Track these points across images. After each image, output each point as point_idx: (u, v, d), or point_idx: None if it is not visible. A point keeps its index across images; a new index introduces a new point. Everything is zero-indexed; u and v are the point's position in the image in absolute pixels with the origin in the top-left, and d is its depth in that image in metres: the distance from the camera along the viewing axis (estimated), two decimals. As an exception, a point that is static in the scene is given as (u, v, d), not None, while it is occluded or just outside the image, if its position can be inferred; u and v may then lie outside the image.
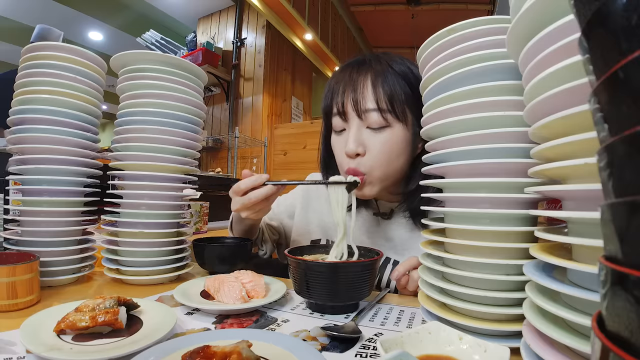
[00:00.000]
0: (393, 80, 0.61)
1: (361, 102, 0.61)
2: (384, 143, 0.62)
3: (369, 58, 0.66)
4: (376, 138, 0.62)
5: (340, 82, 0.65)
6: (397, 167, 0.65)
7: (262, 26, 3.22)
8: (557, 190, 0.30)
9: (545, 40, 0.28)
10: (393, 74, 0.62)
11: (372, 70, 0.62)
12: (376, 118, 0.61)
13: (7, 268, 0.49)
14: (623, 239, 0.13)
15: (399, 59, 0.65)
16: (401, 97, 0.61)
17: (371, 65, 0.63)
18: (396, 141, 0.62)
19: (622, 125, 0.13)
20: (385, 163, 0.63)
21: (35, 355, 0.36)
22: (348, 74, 0.64)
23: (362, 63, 0.65)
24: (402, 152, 0.63)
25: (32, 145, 0.62)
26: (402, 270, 0.59)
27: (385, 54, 0.67)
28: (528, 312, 0.32)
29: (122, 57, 0.69)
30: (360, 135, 0.62)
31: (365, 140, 0.62)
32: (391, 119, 0.61)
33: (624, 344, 0.12)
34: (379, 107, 0.60)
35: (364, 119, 0.62)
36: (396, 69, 0.63)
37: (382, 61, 0.64)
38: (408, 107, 0.62)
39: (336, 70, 0.70)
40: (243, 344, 0.35)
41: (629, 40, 0.13)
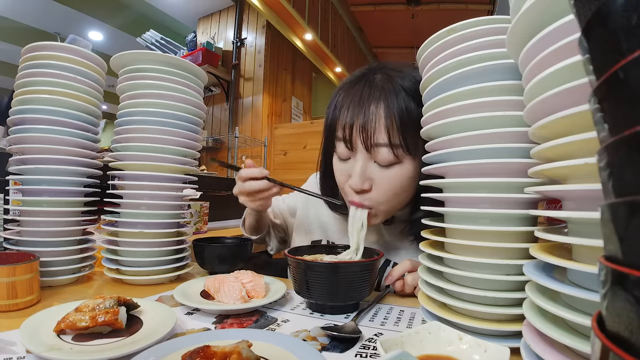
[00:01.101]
0: (407, 108, 0.55)
1: (372, 137, 0.55)
2: (392, 179, 0.57)
3: (379, 76, 0.59)
4: (384, 173, 0.57)
5: (349, 104, 0.58)
6: (403, 200, 0.62)
7: (262, 26, 3.22)
8: (557, 190, 0.30)
9: (545, 40, 0.28)
10: (405, 97, 0.56)
11: (385, 97, 0.56)
12: (386, 155, 0.56)
13: (7, 268, 0.49)
14: (623, 239, 0.13)
15: (407, 71, 0.59)
16: (414, 125, 0.53)
17: (383, 88, 0.57)
18: (405, 177, 0.58)
19: (622, 125, 0.13)
20: (392, 198, 0.59)
21: (35, 355, 0.36)
22: (358, 96, 0.57)
23: (372, 83, 0.58)
24: (410, 186, 0.59)
25: (32, 145, 0.62)
26: (396, 275, 0.59)
27: (395, 68, 0.60)
28: (528, 312, 0.32)
29: (122, 57, 0.69)
30: (367, 169, 0.58)
31: (372, 174, 0.58)
32: (402, 154, 0.56)
33: (624, 344, 0.12)
34: (390, 142, 0.55)
35: (372, 153, 0.57)
36: (407, 87, 0.56)
37: (394, 81, 0.57)
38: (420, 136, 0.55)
39: (343, 83, 0.63)
40: (243, 344, 0.35)
41: (629, 40, 0.13)
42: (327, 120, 0.64)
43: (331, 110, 0.62)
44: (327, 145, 0.67)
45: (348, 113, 0.58)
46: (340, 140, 0.60)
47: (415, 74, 0.58)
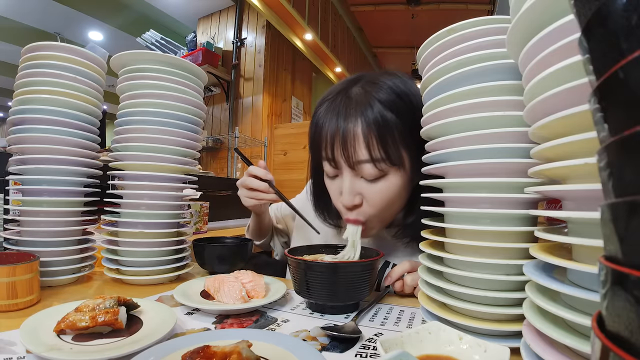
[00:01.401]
0: (383, 119, 0.55)
1: (353, 155, 0.56)
2: (382, 192, 0.58)
3: (356, 90, 0.59)
4: (373, 187, 0.58)
5: (328, 123, 0.59)
6: (397, 208, 0.63)
7: (262, 26, 3.22)
8: (557, 190, 0.30)
9: (545, 40, 0.28)
10: (381, 109, 0.56)
11: (361, 112, 0.56)
12: (371, 170, 0.56)
13: (7, 268, 0.49)
14: (623, 239, 0.13)
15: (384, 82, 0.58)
16: (394, 137, 0.56)
17: (358, 103, 0.57)
18: (394, 188, 0.59)
19: (622, 125, 0.13)
20: (384, 209, 0.61)
21: (35, 355, 0.36)
22: (335, 114, 0.58)
23: (349, 98, 0.58)
24: (401, 195, 0.61)
25: (32, 145, 0.62)
26: (395, 276, 0.59)
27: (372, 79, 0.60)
28: (528, 312, 0.32)
29: (122, 57, 0.69)
30: (355, 185, 0.59)
31: (361, 189, 0.59)
32: (386, 167, 0.57)
33: (624, 344, 0.12)
34: (372, 158, 0.55)
35: (357, 170, 0.58)
36: (383, 99, 0.56)
37: (369, 95, 0.57)
38: (403, 145, 0.57)
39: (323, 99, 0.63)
40: (243, 344, 0.35)
41: (629, 40, 0.13)
42: (310, 139, 0.65)
43: (313, 129, 0.63)
44: (314, 164, 0.69)
45: (328, 132, 0.59)
46: (324, 160, 0.61)
47: (392, 83, 0.58)
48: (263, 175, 0.71)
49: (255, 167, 0.72)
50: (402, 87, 0.58)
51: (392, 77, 0.60)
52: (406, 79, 0.61)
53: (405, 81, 0.60)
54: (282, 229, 0.93)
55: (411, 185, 0.62)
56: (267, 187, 0.71)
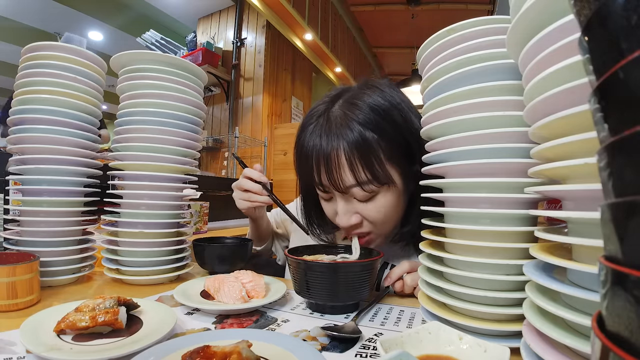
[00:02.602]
0: (364, 140, 0.55)
1: (340, 182, 0.56)
2: (377, 209, 0.59)
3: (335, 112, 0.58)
4: (366, 206, 0.59)
5: (310, 151, 0.59)
6: (397, 219, 0.64)
7: (262, 26, 3.22)
8: (557, 190, 0.30)
9: (545, 40, 0.28)
10: (361, 130, 0.55)
11: (342, 138, 0.55)
12: (360, 193, 0.57)
13: (7, 268, 0.49)
14: (623, 239, 0.13)
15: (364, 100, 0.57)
16: (379, 157, 0.55)
17: (339, 126, 0.56)
18: (389, 203, 0.59)
19: (622, 125, 0.13)
20: (385, 223, 0.61)
21: (35, 355, 0.36)
22: (318, 142, 0.58)
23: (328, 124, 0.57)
24: (397, 207, 0.61)
25: (32, 145, 0.62)
26: (395, 276, 0.59)
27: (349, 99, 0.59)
28: (528, 312, 0.32)
29: (122, 57, 0.69)
30: (350, 207, 0.60)
31: (357, 209, 0.60)
32: (376, 188, 0.57)
33: (624, 344, 0.12)
34: (359, 181, 0.56)
35: (348, 193, 0.58)
36: (363, 121, 0.55)
37: (348, 117, 0.56)
38: (389, 162, 0.57)
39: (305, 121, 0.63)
40: (243, 344, 0.35)
41: (629, 40, 0.13)
42: (296, 163, 0.66)
43: (298, 154, 0.64)
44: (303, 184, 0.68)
45: (313, 159, 0.59)
46: (315, 185, 0.62)
47: (372, 100, 0.57)
48: (257, 178, 0.71)
49: (250, 170, 0.72)
50: (382, 102, 0.57)
51: (371, 91, 0.59)
52: (387, 89, 0.60)
53: (386, 94, 0.59)
54: (282, 233, 0.92)
55: (406, 196, 0.62)
56: (261, 189, 0.71)
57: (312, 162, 0.59)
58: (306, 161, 0.60)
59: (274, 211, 0.96)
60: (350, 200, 0.60)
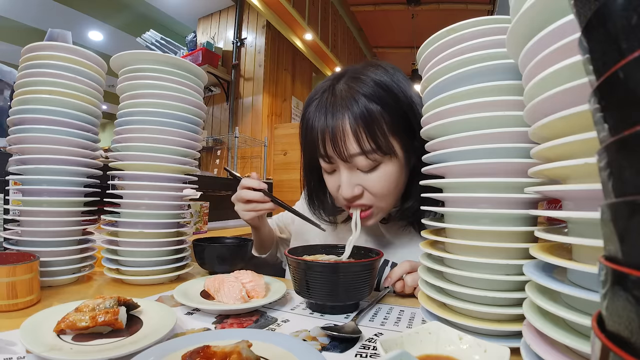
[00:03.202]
0: (369, 112, 0.57)
1: (344, 150, 0.58)
2: (379, 181, 0.60)
3: (340, 87, 0.60)
4: (369, 177, 0.60)
5: (316, 123, 0.61)
6: (397, 194, 0.64)
7: (262, 26, 3.22)
8: (557, 190, 0.30)
9: (545, 40, 0.28)
10: (366, 103, 0.57)
11: (347, 108, 0.57)
12: (364, 161, 0.58)
13: (7, 268, 0.49)
14: (623, 239, 0.13)
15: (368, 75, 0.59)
16: (382, 128, 0.57)
17: (344, 99, 0.58)
18: (391, 175, 0.60)
19: (622, 125, 0.13)
20: (385, 195, 0.62)
21: (35, 355, 0.36)
22: (323, 112, 0.60)
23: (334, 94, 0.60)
24: (399, 180, 0.62)
25: (32, 145, 0.62)
26: (395, 277, 0.59)
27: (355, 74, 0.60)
28: (528, 312, 0.32)
29: (122, 57, 0.69)
30: (353, 177, 0.60)
31: (360, 181, 0.61)
32: (379, 157, 0.58)
33: (624, 344, 0.12)
34: (363, 150, 0.57)
35: (351, 162, 0.59)
36: (367, 93, 0.57)
37: (353, 90, 0.58)
38: (392, 134, 0.58)
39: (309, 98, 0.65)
40: (243, 344, 0.35)
41: (629, 40, 0.13)
42: (301, 138, 0.67)
43: (303, 129, 0.65)
44: (306, 162, 0.71)
45: (318, 131, 0.60)
46: (319, 157, 0.63)
47: (376, 75, 0.59)
48: (257, 186, 0.71)
49: (247, 180, 0.73)
50: (386, 78, 0.59)
51: (375, 68, 0.61)
52: (390, 69, 0.62)
53: (388, 71, 0.61)
54: (286, 238, 0.92)
55: (407, 170, 0.63)
56: (262, 197, 0.72)
57: (318, 133, 0.60)
58: (311, 133, 0.62)
59: (275, 217, 0.96)
60: (354, 170, 0.60)
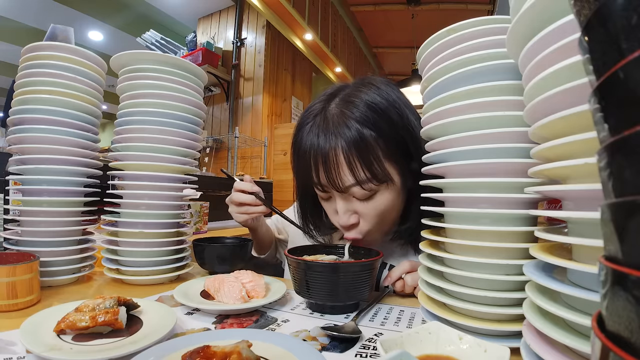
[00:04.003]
0: (362, 139, 0.54)
1: (339, 181, 0.56)
2: (375, 208, 0.59)
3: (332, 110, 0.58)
4: (365, 205, 0.59)
5: (308, 149, 0.58)
6: (393, 219, 0.64)
7: (262, 26, 3.22)
8: (557, 190, 0.30)
9: (545, 40, 0.28)
10: (358, 128, 0.55)
11: (340, 136, 0.55)
12: (359, 192, 0.57)
13: (7, 268, 0.49)
14: (623, 239, 0.13)
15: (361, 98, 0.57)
16: (377, 155, 0.55)
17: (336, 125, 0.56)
18: (386, 202, 0.59)
19: (622, 125, 0.13)
20: (381, 223, 0.62)
21: (35, 355, 0.36)
22: (316, 141, 0.57)
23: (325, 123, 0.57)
24: (395, 206, 0.61)
25: (32, 145, 0.62)
26: (395, 276, 0.59)
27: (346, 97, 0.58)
28: (528, 312, 0.32)
29: (122, 57, 0.69)
30: (349, 206, 0.60)
31: (356, 208, 0.60)
32: (375, 186, 0.57)
33: (624, 344, 0.12)
34: (358, 181, 0.55)
35: (347, 192, 0.58)
36: (360, 119, 0.55)
37: (345, 115, 0.56)
38: (387, 160, 0.57)
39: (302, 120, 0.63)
40: (243, 344, 0.35)
41: (629, 40, 0.13)
42: (293, 163, 0.66)
43: (295, 154, 0.64)
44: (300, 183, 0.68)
45: (311, 158, 0.58)
46: (313, 185, 0.62)
47: (369, 97, 0.57)
48: (249, 189, 0.72)
49: (240, 182, 0.74)
50: (379, 100, 0.57)
51: (368, 89, 0.59)
52: (384, 87, 0.60)
53: (382, 91, 0.59)
54: (284, 239, 0.92)
55: (404, 193, 0.62)
56: (255, 200, 0.73)
57: (310, 161, 0.59)
58: (304, 161, 0.60)
59: (274, 217, 0.96)
60: (350, 199, 0.59)
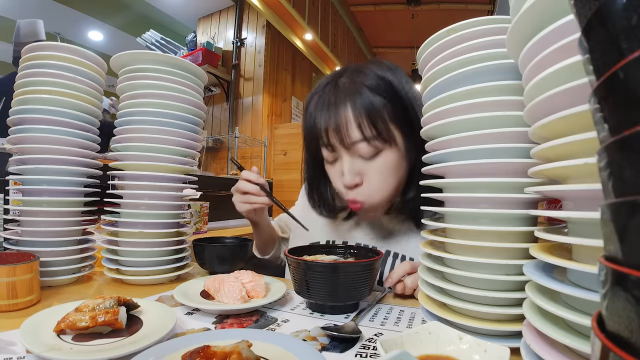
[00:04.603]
0: (371, 102, 0.59)
1: (346, 137, 0.60)
2: (379, 168, 0.61)
3: (343, 80, 0.63)
4: (371, 165, 0.61)
5: (320, 112, 0.63)
6: (394, 186, 0.65)
7: (262, 26, 3.22)
8: (557, 190, 0.30)
9: (545, 40, 0.28)
10: (369, 93, 0.60)
11: (350, 98, 0.60)
12: (365, 148, 0.60)
13: (7, 268, 0.49)
14: (623, 239, 0.13)
15: (371, 69, 0.62)
16: (383, 117, 0.59)
17: (347, 90, 0.61)
18: (390, 164, 0.62)
19: (622, 125, 0.13)
20: (383, 187, 0.63)
21: (35, 355, 0.36)
22: (326, 103, 0.62)
23: (337, 87, 0.62)
24: (398, 171, 0.63)
25: (32, 145, 0.62)
26: (395, 278, 0.59)
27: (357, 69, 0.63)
28: (528, 312, 0.32)
29: (122, 57, 0.69)
30: (355, 165, 0.62)
31: (361, 169, 0.62)
32: (380, 144, 0.60)
33: (624, 344, 0.12)
34: (365, 136, 0.59)
35: (353, 150, 0.61)
36: (370, 85, 0.60)
37: (356, 82, 0.61)
38: (393, 123, 0.60)
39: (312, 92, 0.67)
40: (243, 344, 0.35)
41: (629, 40, 0.13)
42: (304, 131, 0.69)
43: (307, 121, 0.67)
44: (309, 153, 0.72)
45: (322, 121, 0.62)
46: (322, 146, 0.65)
47: (379, 70, 0.62)
48: (255, 179, 0.73)
49: (247, 172, 0.74)
50: (388, 74, 0.62)
51: (378, 65, 0.64)
52: (392, 67, 0.65)
53: (391, 68, 0.64)
54: (287, 237, 0.92)
55: (406, 163, 0.65)
56: (259, 190, 0.73)
57: (321, 123, 0.62)
58: (314, 124, 0.64)
59: (277, 218, 0.96)
60: (355, 159, 0.62)
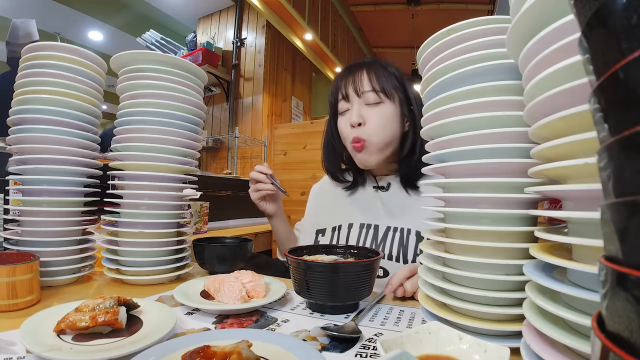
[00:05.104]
0: (382, 72, 0.79)
1: (359, 86, 0.78)
2: (379, 115, 0.77)
3: (365, 60, 0.84)
4: (373, 111, 0.78)
5: (343, 76, 0.83)
6: (390, 135, 0.78)
7: (262, 26, 3.22)
8: (557, 190, 0.30)
9: (545, 40, 0.28)
10: (382, 68, 0.80)
11: (366, 65, 0.81)
12: (371, 96, 0.77)
13: (7, 268, 0.49)
14: (623, 239, 0.13)
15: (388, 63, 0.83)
16: (389, 82, 0.78)
17: (366, 63, 0.82)
18: (388, 114, 0.78)
19: (622, 125, 0.13)
20: (381, 130, 0.77)
21: (35, 355, 0.36)
22: (348, 70, 0.83)
23: (360, 62, 0.83)
24: (393, 122, 0.78)
25: (32, 145, 0.62)
26: (396, 284, 0.60)
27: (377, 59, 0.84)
28: (528, 312, 0.32)
29: (122, 57, 0.69)
30: (361, 110, 0.78)
31: (365, 113, 0.78)
32: (383, 97, 0.77)
33: (624, 344, 0.12)
34: (373, 88, 0.77)
35: (362, 97, 0.78)
36: (386, 64, 0.82)
37: (374, 61, 0.82)
38: (395, 90, 0.79)
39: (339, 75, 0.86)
40: (243, 344, 0.35)
41: (629, 40, 0.13)
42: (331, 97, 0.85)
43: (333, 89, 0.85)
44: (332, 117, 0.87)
45: (343, 82, 0.82)
46: (340, 100, 0.82)
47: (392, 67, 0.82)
48: (264, 169, 0.86)
49: (259, 165, 0.88)
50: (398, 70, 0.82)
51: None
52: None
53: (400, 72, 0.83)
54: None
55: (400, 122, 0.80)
56: (265, 178, 0.85)
57: (343, 80, 0.81)
58: (337, 85, 0.83)
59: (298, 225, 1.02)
60: (362, 106, 0.78)
